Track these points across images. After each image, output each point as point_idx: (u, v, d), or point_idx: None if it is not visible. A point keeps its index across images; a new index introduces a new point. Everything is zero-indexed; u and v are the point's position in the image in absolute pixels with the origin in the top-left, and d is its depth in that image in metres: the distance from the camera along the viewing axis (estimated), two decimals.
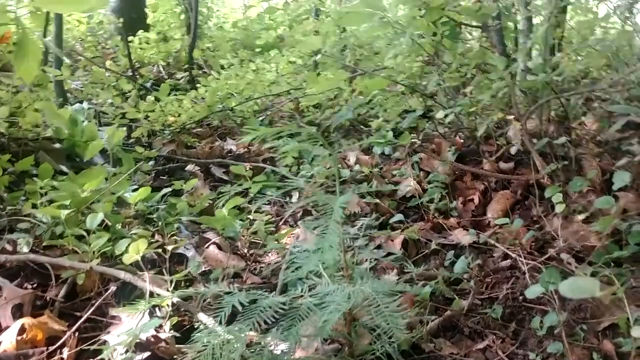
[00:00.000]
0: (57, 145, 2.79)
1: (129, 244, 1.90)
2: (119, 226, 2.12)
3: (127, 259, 1.64)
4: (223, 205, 2.24)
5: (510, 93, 2.84)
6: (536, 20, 4.12)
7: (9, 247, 1.87)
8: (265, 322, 1.36)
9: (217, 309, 1.38)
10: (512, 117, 2.85)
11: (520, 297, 2.01)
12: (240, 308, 1.34)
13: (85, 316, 1.56)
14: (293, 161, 3.09)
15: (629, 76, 3.60)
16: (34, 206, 2.17)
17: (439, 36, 3.05)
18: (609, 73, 4.04)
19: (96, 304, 1.61)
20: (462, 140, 3.23)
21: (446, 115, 3.05)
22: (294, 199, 2.93)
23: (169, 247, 1.73)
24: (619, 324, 1.75)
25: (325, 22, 3.58)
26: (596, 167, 2.75)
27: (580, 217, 2.45)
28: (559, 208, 2.42)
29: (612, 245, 2.19)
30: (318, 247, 1.27)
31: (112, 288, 1.62)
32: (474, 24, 3.34)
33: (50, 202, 2.05)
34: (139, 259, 1.63)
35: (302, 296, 1.52)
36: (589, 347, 1.70)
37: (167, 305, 1.59)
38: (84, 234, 1.83)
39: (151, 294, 1.60)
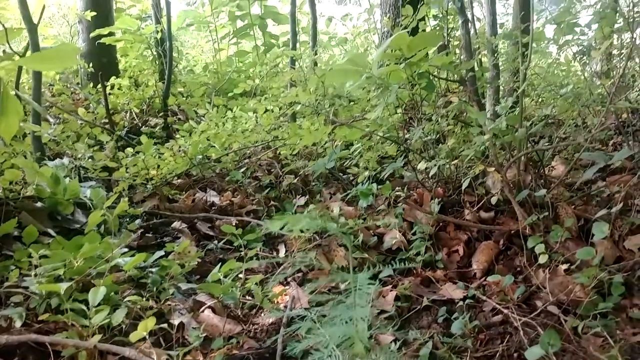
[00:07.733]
0: (39, 205, 2.71)
1: (125, 314, 1.88)
2: (112, 293, 2.08)
3: (135, 336, 1.61)
4: (218, 267, 2.22)
5: (489, 147, 2.94)
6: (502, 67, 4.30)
7: (3, 324, 1.80)
8: None
9: None
10: (492, 169, 2.94)
11: (516, 354, 2.06)
12: None
13: None
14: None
15: (592, 120, 3.78)
16: (21, 274, 2.11)
17: (416, 88, 3.14)
18: (573, 119, 4.23)
19: None
20: (441, 190, 3.30)
21: (427, 168, 3.14)
22: (281, 253, 2.93)
23: (175, 322, 1.70)
24: None
25: (306, 74, 3.65)
26: (572, 215, 2.86)
27: (563, 267, 2.54)
28: (542, 259, 2.50)
29: (597, 296, 2.27)
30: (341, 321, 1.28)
31: None
32: (451, 77, 3.46)
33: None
34: (147, 336, 1.60)
35: None
36: None
37: None
38: (84, 308, 1.79)
39: None
